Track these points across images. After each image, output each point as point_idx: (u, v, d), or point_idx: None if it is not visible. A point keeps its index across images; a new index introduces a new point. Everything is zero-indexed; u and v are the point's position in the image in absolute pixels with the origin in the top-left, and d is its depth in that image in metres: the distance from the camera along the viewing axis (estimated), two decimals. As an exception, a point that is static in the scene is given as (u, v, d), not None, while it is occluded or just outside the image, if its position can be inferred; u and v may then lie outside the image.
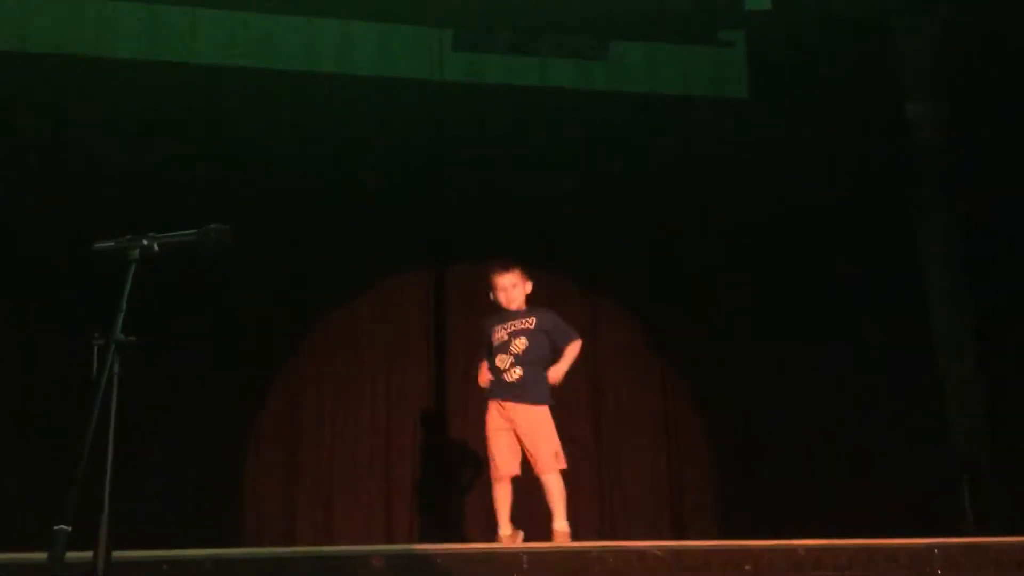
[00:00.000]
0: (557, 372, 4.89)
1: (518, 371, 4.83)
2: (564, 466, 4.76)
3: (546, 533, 4.72)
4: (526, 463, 4.81)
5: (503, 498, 4.79)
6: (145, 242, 2.79)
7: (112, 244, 2.81)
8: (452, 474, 6.39)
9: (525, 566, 3.46)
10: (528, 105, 7.05)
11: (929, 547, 3.65)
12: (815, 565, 3.55)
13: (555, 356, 4.93)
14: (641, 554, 3.54)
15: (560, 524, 4.69)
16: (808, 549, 3.59)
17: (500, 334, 4.95)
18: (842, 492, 6.54)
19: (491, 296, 5.06)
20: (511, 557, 3.51)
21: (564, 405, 6.60)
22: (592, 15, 7.02)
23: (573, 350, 4.94)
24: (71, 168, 6.21)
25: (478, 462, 5.84)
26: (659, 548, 3.57)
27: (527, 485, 4.87)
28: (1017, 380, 6.73)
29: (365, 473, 6.34)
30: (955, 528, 5.99)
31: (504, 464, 4.78)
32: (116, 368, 2.63)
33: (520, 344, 4.87)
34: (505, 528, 4.77)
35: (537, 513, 4.84)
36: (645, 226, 7.04)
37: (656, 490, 6.69)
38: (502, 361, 4.87)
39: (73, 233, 5.23)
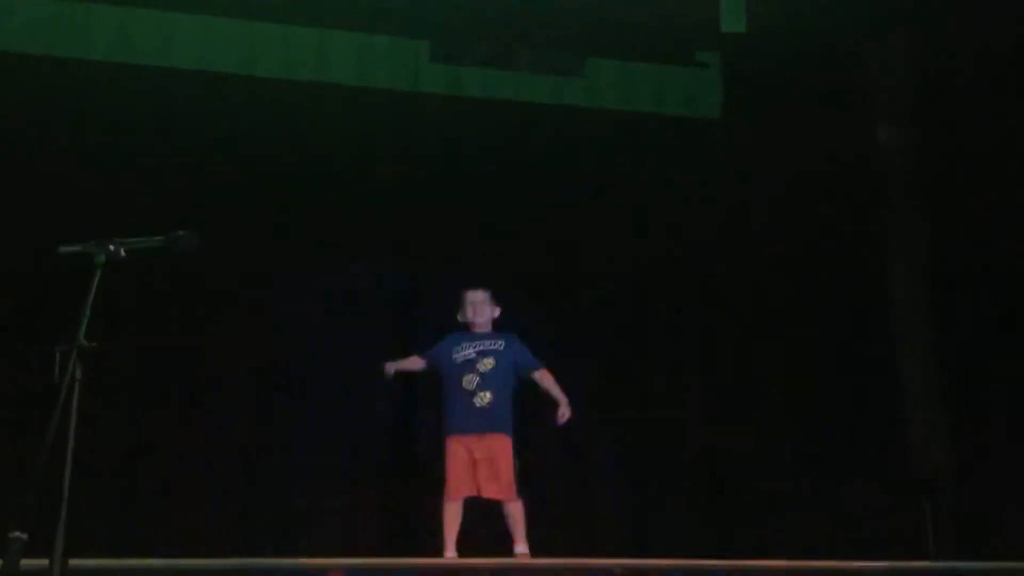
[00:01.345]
0: (565, 409, 4.84)
1: (488, 396, 4.77)
2: (514, 497, 4.71)
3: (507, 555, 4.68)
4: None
5: (453, 519, 4.70)
6: (112, 247, 2.77)
7: (78, 248, 2.79)
8: (420, 486, 6.34)
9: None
10: (504, 119, 7.06)
11: (889, 571, 3.68)
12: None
13: (518, 384, 4.91)
14: (605, 571, 3.54)
15: (521, 548, 4.67)
16: (770, 571, 3.60)
17: (466, 351, 4.89)
18: (809, 513, 6.56)
19: (458, 316, 5.04)
20: (475, 574, 3.49)
21: (536, 420, 6.66)
22: (569, 32, 7.05)
23: (551, 379, 4.94)
24: (40, 171, 6.14)
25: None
26: (619, 566, 3.57)
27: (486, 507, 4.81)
28: (979, 406, 6.79)
29: (331, 483, 6.30)
30: (920, 552, 6.02)
31: (459, 484, 4.71)
32: (78, 374, 2.60)
33: (488, 363, 4.83)
34: (450, 551, 4.64)
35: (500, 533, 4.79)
36: (619, 241, 7.06)
37: (621, 508, 6.68)
38: (468, 381, 4.79)
39: (39, 236, 5.16)
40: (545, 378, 4.96)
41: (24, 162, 6.16)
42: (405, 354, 5.22)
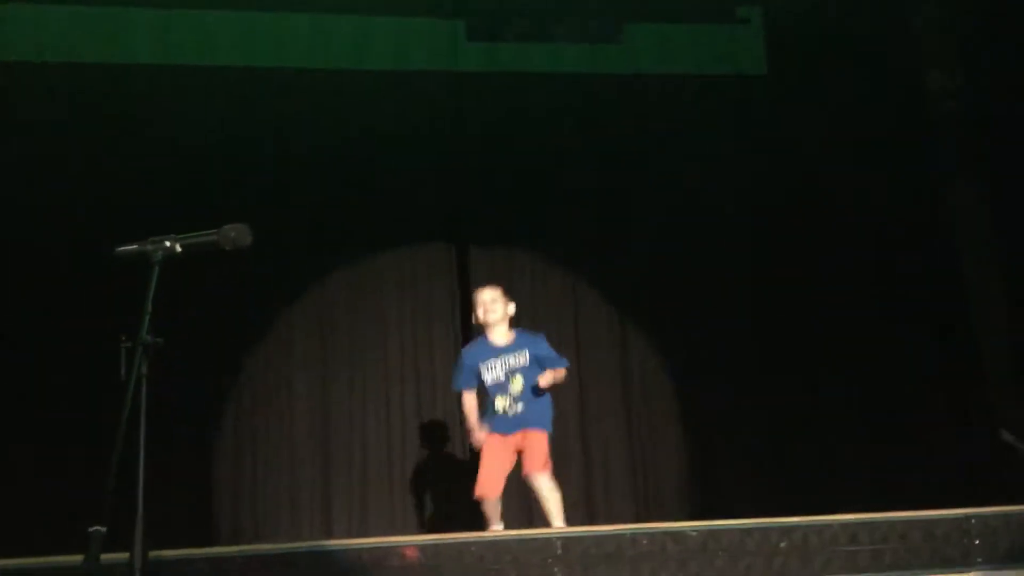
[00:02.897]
0: (546, 380, 4.82)
1: (520, 407, 4.85)
2: (547, 471, 4.78)
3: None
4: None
5: (492, 512, 4.80)
6: (167, 244, 2.81)
7: (135, 247, 2.83)
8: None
9: (559, 551, 3.47)
10: (544, 91, 7.03)
11: (965, 517, 3.62)
12: (850, 540, 3.54)
13: None
14: (676, 535, 3.54)
15: (558, 523, 4.72)
16: (843, 524, 3.58)
17: (495, 372, 4.91)
18: (877, 466, 6.49)
19: (472, 318, 5.05)
20: (545, 542, 3.52)
21: (595, 393, 6.68)
22: (604, -2, 7.00)
23: (562, 372, 4.92)
24: (93, 174, 6.26)
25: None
26: (693, 528, 3.57)
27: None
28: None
29: (396, 463, 6.39)
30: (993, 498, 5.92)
31: (489, 482, 4.78)
32: (144, 369, 2.65)
33: (517, 383, 4.86)
34: (497, 524, 4.80)
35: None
36: (666, 207, 7.00)
37: (687, 470, 6.68)
38: (502, 402, 4.87)
39: (96, 238, 5.27)
40: (560, 372, 4.94)
41: (70, 165, 6.28)
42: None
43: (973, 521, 3.61)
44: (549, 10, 7.09)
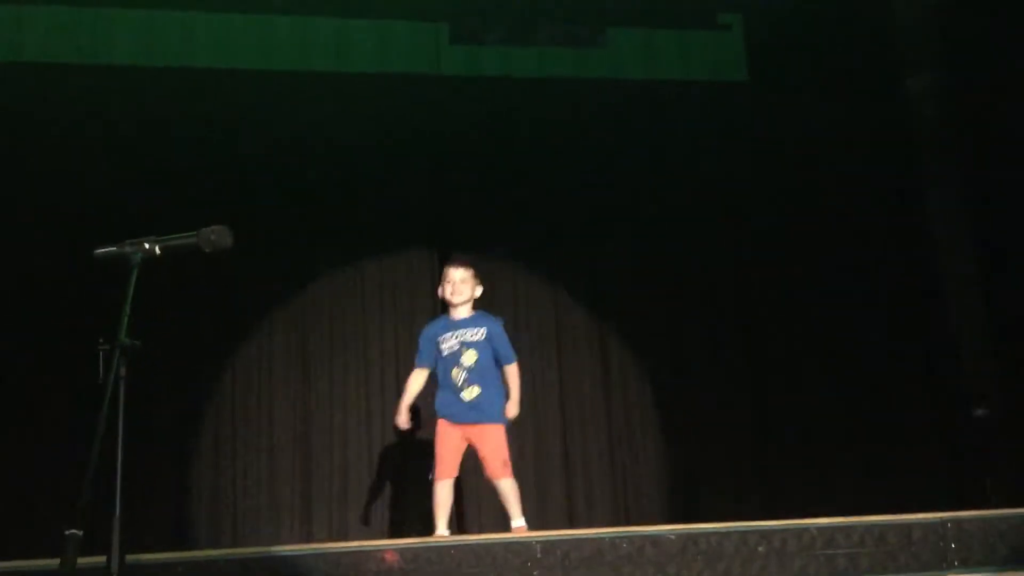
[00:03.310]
0: (513, 408, 4.85)
1: (475, 391, 4.80)
2: (508, 475, 4.77)
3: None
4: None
5: (443, 499, 4.77)
6: (147, 245, 2.79)
7: (114, 249, 2.81)
8: (465, 464, 6.40)
9: (539, 554, 3.47)
10: (527, 95, 7.04)
11: (941, 521, 3.65)
12: (828, 544, 3.56)
13: (502, 363, 4.91)
14: (654, 539, 3.55)
15: (518, 523, 4.74)
16: (820, 528, 3.59)
17: (451, 342, 4.89)
18: (857, 468, 6.53)
19: (439, 291, 5.03)
20: (524, 546, 3.52)
21: (576, 397, 6.69)
22: (588, 2, 7.00)
23: (515, 374, 4.92)
24: (69, 175, 6.23)
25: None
26: (672, 532, 3.58)
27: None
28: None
29: (377, 467, 6.38)
30: (972, 503, 5.98)
31: (447, 466, 4.78)
32: (122, 372, 2.64)
33: (471, 357, 4.84)
34: (442, 529, 4.73)
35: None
36: (647, 212, 7.03)
37: (668, 472, 6.70)
38: (456, 376, 4.83)
39: (74, 240, 5.25)
40: (510, 373, 4.94)
41: (52, 167, 6.25)
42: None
43: (949, 525, 3.64)
44: (532, 14, 7.10)
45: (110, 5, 6.53)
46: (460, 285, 4.92)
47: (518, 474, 4.92)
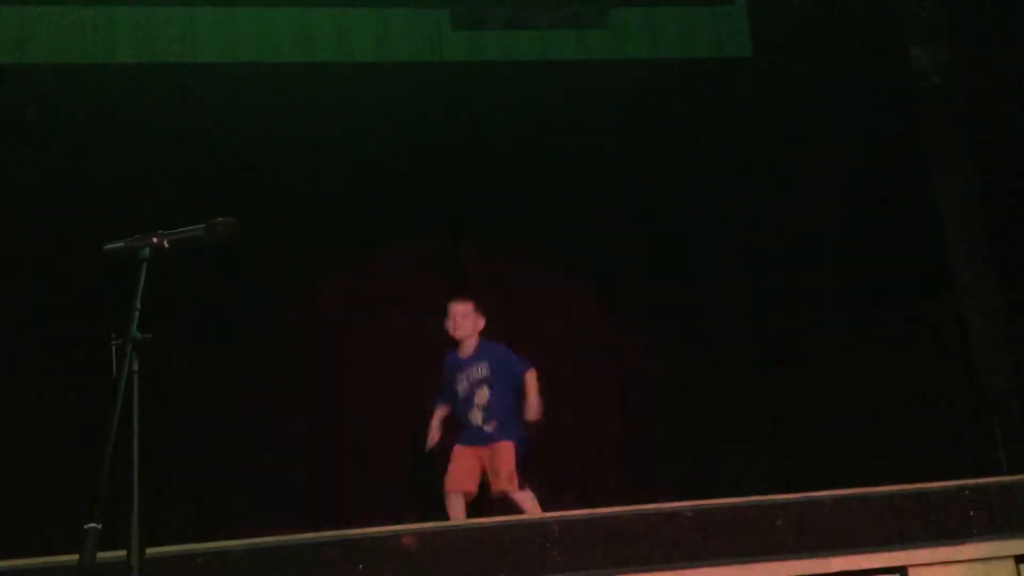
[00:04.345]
0: (533, 410, 4.93)
1: (493, 424, 4.95)
2: (515, 488, 4.84)
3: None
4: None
5: (455, 512, 4.87)
6: (155, 240, 2.79)
7: (122, 244, 2.81)
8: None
9: (556, 534, 3.48)
10: (530, 79, 7.01)
11: (960, 490, 3.64)
12: (845, 514, 3.55)
13: (516, 382, 5.01)
14: (671, 515, 3.55)
15: None
16: (836, 499, 3.59)
17: (462, 384, 5.04)
18: (871, 440, 6.51)
19: (447, 327, 5.12)
20: (542, 526, 3.52)
21: (589, 384, 6.69)
22: (589, -18, 6.98)
23: (532, 380, 5.00)
24: (77, 173, 6.25)
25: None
26: (689, 508, 3.58)
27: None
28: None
29: (393, 454, 6.39)
30: (988, 470, 5.96)
31: (458, 478, 4.91)
32: (135, 366, 2.64)
33: (483, 396, 4.98)
34: None
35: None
36: (655, 192, 7.00)
37: (682, 450, 6.71)
38: (474, 416, 4.98)
39: (83, 236, 5.27)
40: (527, 380, 5.02)
41: (59, 166, 6.28)
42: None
43: (967, 492, 3.62)
44: (533, -3, 7.08)
45: (110, 3, 6.53)
46: (461, 320, 5.06)
47: (534, 456, 4.92)
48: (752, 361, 6.86)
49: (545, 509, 4.83)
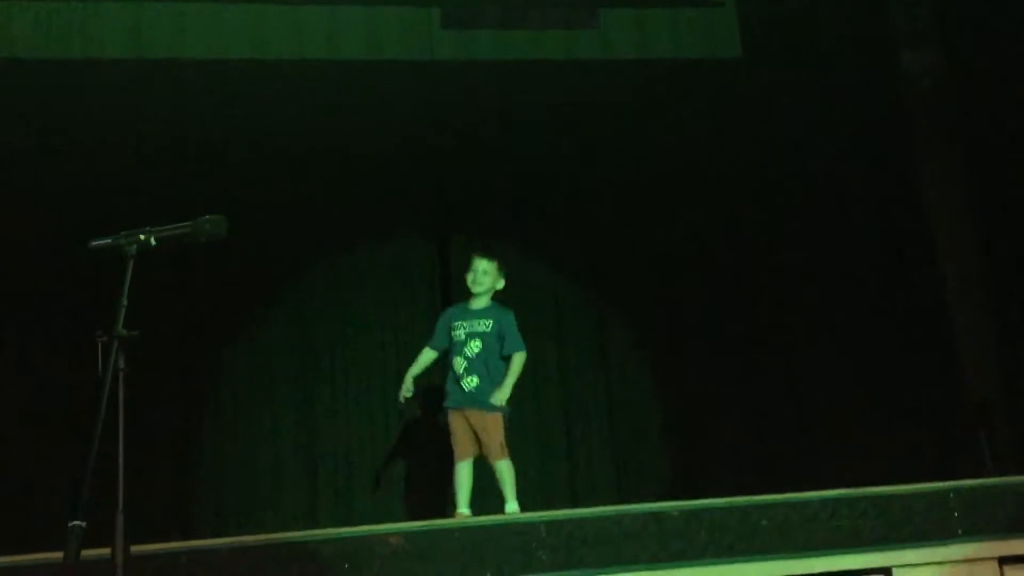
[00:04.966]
0: (502, 395, 4.99)
1: (474, 380, 4.99)
2: (503, 457, 4.93)
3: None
4: None
5: (463, 479, 4.98)
6: (142, 236, 2.78)
7: (109, 240, 2.81)
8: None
9: (543, 534, 3.48)
10: (520, 79, 7.01)
11: (945, 491, 3.65)
12: (831, 516, 3.56)
13: (506, 353, 5.07)
14: (658, 516, 3.56)
15: (511, 507, 4.88)
16: (823, 501, 3.60)
17: (459, 332, 5.10)
18: (855, 441, 6.54)
19: (466, 279, 5.18)
20: (529, 527, 3.53)
21: (576, 380, 6.70)
22: (579, -17, 6.98)
23: (517, 363, 5.06)
24: (62, 169, 6.22)
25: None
26: (675, 508, 3.59)
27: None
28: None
29: (380, 452, 6.40)
30: (973, 471, 5.99)
31: (463, 447, 4.99)
32: (121, 363, 2.64)
33: (474, 347, 5.02)
34: (462, 508, 4.93)
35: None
36: (644, 193, 7.01)
37: (667, 450, 6.71)
38: (459, 364, 5.05)
39: (68, 232, 5.25)
40: (513, 361, 5.08)
41: (45, 161, 6.24)
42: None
43: (952, 495, 3.64)
44: (523, -3, 7.08)
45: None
46: (481, 276, 5.13)
47: (521, 456, 4.97)
48: (739, 362, 6.87)
49: (531, 509, 4.84)
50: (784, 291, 6.93)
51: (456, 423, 5.05)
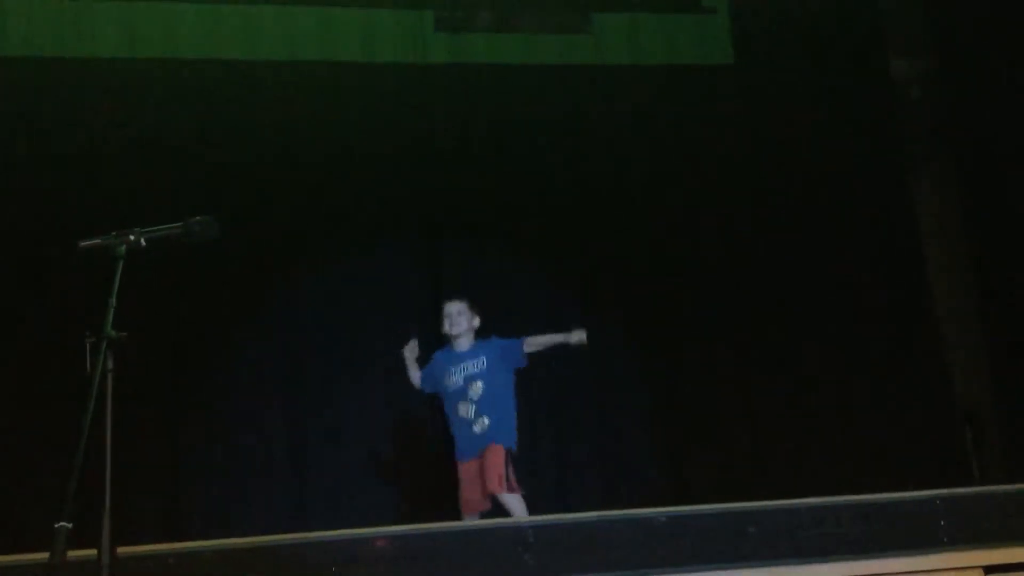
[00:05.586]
0: (577, 335, 4.95)
1: (485, 421, 4.88)
2: (503, 490, 4.79)
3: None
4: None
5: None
6: (132, 237, 2.78)
7: (98, 241, 2.80)
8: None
9: (531, 539, 3.48)
10: (513, 83, 7.02)
11: (931, 499, 3.67)
12: (818, 523, 3.57)
13: (514, 380, 5.02)
14: (645, 521, 3.56)
15: None
16: (810, 508, 3.61)
17: (454, 377, 4.99)
18: (844, 448, 6.55)
19: (442, 328, 5.12)
20: (517, 532, 3.53)
21: (566, 386, 6.70)
22: (573, -12, 7.00)
23: (539, 338, 5.03)
24: (57, 169, 6.21)
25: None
26: (662, 514, 3.59)
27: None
28: (1018, 327, 6.73)
29: (371, 456, 6.38)
30: (960, 480, 6.01)
31: (472, 503, 4.89)
32: (109, 364, 2.63)
33: (477, 388, 4.92)
34: None
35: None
36: (637, 197, 7.02)
37: (656, 456, 6.72)
38: (465, 410, 4.93)
39: (57, 232, 5.24)
40: (534, 343, 5.04)
41: (37, 160, 6.23)
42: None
43: (938, 502, 3.65)
44: (517, 1, 7.08)
45: (91, -1, 6.51)
46: (457, 317, 5.06)
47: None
48: (729, 369, 6.88)
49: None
50: (773, 299, 6.94)
51: (466, 475, 4.91)
